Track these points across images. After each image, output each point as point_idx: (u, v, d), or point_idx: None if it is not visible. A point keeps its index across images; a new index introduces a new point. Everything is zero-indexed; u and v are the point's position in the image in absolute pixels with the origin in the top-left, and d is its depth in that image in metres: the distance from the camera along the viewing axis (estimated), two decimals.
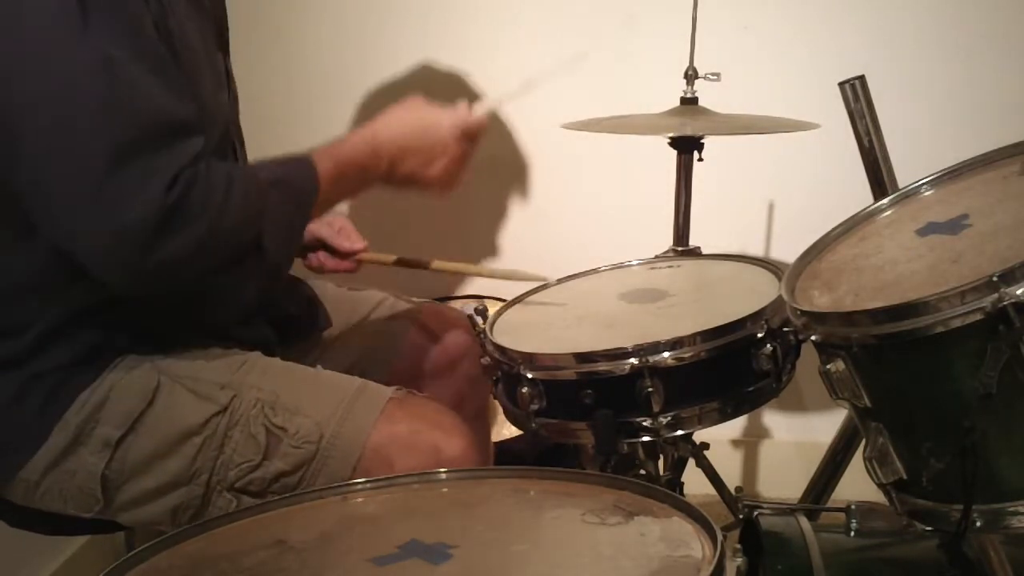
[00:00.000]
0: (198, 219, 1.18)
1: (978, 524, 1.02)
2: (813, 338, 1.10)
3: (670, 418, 1.27)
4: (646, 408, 1.26)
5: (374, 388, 1.35)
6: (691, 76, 1.80)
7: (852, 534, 1.32)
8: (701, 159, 1.79)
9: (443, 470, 1.16)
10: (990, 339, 0.96)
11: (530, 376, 1.31)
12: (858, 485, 1.34)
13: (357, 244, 1.61)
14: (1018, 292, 0.94)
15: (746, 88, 1.90)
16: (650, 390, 1.25)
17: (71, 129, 1.15)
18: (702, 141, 1.78)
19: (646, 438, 1.29)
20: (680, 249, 1.82)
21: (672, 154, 1.81)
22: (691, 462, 1.59)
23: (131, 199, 1.15)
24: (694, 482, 1.63)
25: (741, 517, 1.47)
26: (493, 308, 1.49)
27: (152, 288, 1.23)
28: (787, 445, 2.42)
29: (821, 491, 1.95)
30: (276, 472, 1.29)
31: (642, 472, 1.50)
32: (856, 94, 1.65)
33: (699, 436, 1.45)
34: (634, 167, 2.22)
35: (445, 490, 1.14)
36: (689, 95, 1.81)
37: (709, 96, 1.81)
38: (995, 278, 0.95)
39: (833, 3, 2.18)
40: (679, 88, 1.81)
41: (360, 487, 1.14)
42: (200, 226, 1.18)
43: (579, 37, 2.22)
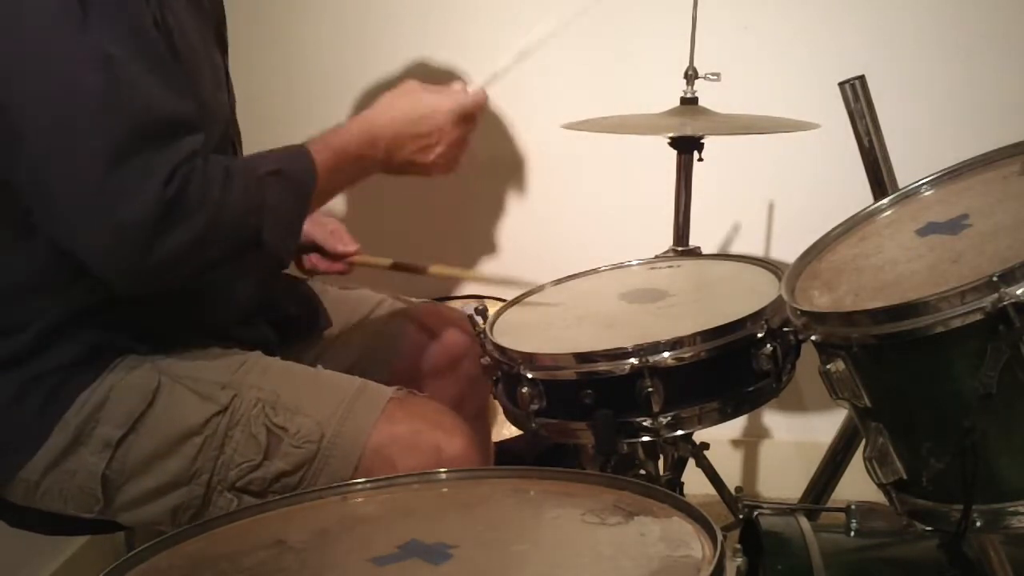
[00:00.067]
0: (197, 213, 1.18)
1: (978, 524, 1.02)
2: (813, 338, 1.10)
3: (670, 418, 1.27)
4: (646, 408, 1.26)
5: (375, 388, 1.36)
6: (691, 76, 1.79)
7: (852, 534, 1.32)
8: (701, 159, 1.79)
9: (443, 470, 1.16)
10: (990, 339, 0.96)
11: (530, 376, 1.31)
12: (858, 485, 1.34)
13: (349, 247, 1.61)
14: (1018, 292, 0.94)
15: (746, 88, 1.90)
16: (650, 390, 1.25)
17: (71, 128, 1.15)
18: (702, 141, 1.78)
19: (646, 438, 1.29)
20: (680, 249, 1.82)
21: (672, 154, 1.80)
22: (691, 462, 1.59)
23: (131, 197, 1.15)
24: (694, 482, 1.63)
25: (741, 517, 1.47)
26: (493, 308, 1.49)
27: (154, 285, 1.23)
28: (787, 445, 2.42)
29: (821, 491, 1.95)
30: (277, 472, 1.29)
31: (642, 472, 1.50)
32: (856, 94, 1.65)
33: (699, 436, 1.45)
34: (634, 167, 2.22)
35: (445, 490, 1.14)
36: (689, 95, 1.80)
37: (709, 96, 1.81)
38: (995, 278, 0.95)
39: (833, 3, 2.18)
40: (679, 88, 1.80)
41: (360, 487, 1.14)
42: (199, 220, 1.18)
43: (579, 37, 2.22)
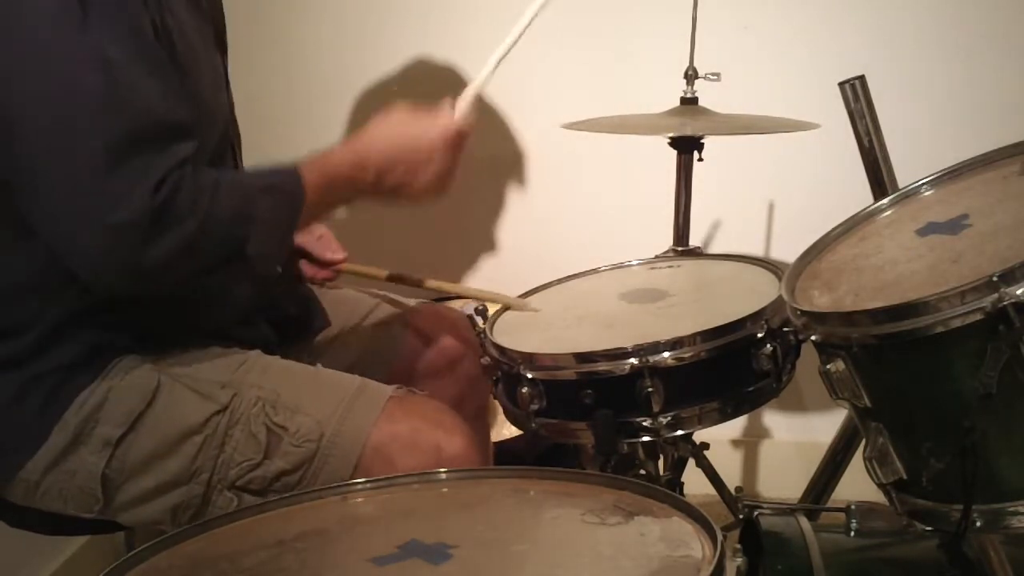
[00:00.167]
0: (186, 220, 1.18)
1: (978, 524, 1.02)
2: (813, 338, 1.10)
3: (670, 418, 1.27)
4: (646, 408, 1.26)
5: (374, 387, 1.35)
6: (691, 76, 1.80)
7: (852, 534, 1.32)
8: (701, 159, 1.79)
9: (443, 470, 1.16)
10: (990, 339, 0.96)
11: (530, 376, 1.31)
12: (858, 485, 1.34)
13: (337, 254, 1.60)
14: (1018, 292, 0.94)
15: (746, 88, 1.90)
16: (650, 390, 1.25)
17: (70, 129, 1.15)
18: (702, 141, 1.78)
19: (646, 438, 1.29)
20: (680, 249, 1.82)
21: (672, 154, 1.81)
22: (691, 462, 1.59)
23: (125, 200, 1.15)
24: (694, 482, 1.63)
25: (741, 517, 1.47)
26: (493, 308, 1.49)
27: (144, 290, 1.23)
28: (787, 445, 2.42)
29: (821, 491, 1.95)
30: (277, 471, 1.29)
31: (642, 472, 1.50)
32: (856, 94, 1.65)
33: (699, 436, 1.45)
34: (634, 167, 2.22)
35: (445, 490, 1.14)
36: (689, 95, 1.80)
37: (709, 96, 1.81)
38: (995, 278, 0.95)
39: (833, 3, 2.18)
40: (679, 88, 1.81)
41: (360, 487, 1.14)
42: (189, 227, 1.18)
43: (579, 37, 2.22)
